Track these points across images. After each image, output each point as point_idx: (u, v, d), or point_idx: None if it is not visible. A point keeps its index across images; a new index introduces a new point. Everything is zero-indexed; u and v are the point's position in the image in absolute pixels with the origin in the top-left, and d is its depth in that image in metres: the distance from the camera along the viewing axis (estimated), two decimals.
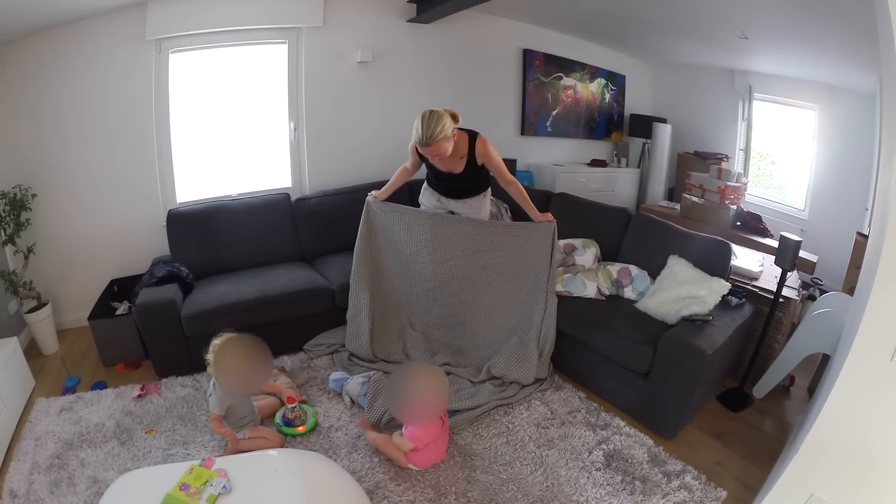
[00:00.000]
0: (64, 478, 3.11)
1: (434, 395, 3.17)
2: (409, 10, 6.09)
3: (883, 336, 2.06)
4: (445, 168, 4.14)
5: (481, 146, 4.01)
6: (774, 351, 4.29)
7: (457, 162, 4.08)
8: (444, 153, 3.81)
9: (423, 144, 3.73)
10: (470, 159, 4.07)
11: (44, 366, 4.44)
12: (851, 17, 4.48)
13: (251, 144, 5.74)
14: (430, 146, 3.71)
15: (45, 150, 4.65)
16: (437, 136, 3.67)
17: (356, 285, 4.50)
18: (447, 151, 3.81)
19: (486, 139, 4.05)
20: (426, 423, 3.25)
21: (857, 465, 2.24)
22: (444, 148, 3.76)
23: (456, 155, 4.01)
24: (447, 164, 4.10)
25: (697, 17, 6.00)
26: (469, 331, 4.50)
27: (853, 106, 6.52)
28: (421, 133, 3.68)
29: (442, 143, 3.72)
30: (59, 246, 4.91)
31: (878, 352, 2.08)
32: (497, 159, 4.11)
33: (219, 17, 5.01)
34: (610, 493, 3.14)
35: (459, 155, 4.04)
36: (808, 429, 2.43)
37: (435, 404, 3.20)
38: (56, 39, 4.45)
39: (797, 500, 2.42)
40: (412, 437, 3.25)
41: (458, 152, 4.00)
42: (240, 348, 3.16)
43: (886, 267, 2.05)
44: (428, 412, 3.21)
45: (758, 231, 6.66)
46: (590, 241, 4.93)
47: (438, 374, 3.29)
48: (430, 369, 3.37)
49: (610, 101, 9.02)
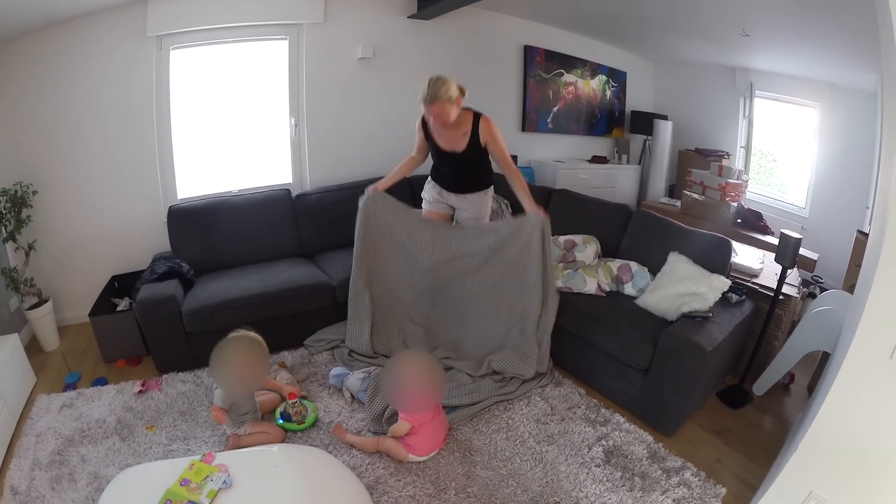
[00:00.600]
0: (65, 474, 3.12)
1: (428, 382, 3.19)
2: (410, 7, 6.10)
3: (883, 334, 2.07)
4: (448, 145, 4.16)
5: (485, 125, 4.06)
6: (774, 348, 4.29)
7: (459, 139, 4.12)
8: (447, 117, 3.86)
9: (426, 102, 3.79)
10: (473, 138, 4.10)
11: (45, 362, 4.44)
12: (853, 14, 4.47)
13: (252, 140, 5.75)
14: (434, 104, 3.77)
15: (45, 147, 4.66)
16: (441, 95, 3.74)
17: (356, 287, 4.50)
18: (449, 116, 3.86)
19: (492, 120, 4.10)
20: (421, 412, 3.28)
21: (857, 462, 2.24)
22: (446, 111, 3.81)
23: (459, 130, 4.08)
24: (450, 140, 4.14)
25: (698, 14, 6.00)
26: (468, 325, 4.50)
27: (855, 104, 6.52)
28: (426, 91, 3.76)
29: (445, 105, 3.78)
30: (60, 243, 4.92)
31: (878, 350, 2.09)
32: (501, 142, 4.15)
33: (220, 14, 5.01)
34: (609, 490, 3.15)
35: (462, 131, 4.09)
36: (807, 426, 2.43)
37: (429, 392, 3.22)
38: (57, 36, 4.45)
39: (796, 498, 2.43)
40: (406, 417, 3.30)
41: (461, 127, 4.07)
42: (236, 350, 3.17)
43: (887, 265, 2.05)
44: (423, 400, 3.23)
45: (758, 228, 6.65)
46: (590, 237, 4.93)
47: (432, 362, 3.31)
48: (424, 357, 3.40)
49: (611, 98, 9.02)
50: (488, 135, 4.08)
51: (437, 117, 3.87)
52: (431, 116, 3.90)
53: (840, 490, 2.30)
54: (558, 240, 4.96)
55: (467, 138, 4.10)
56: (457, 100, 3.86)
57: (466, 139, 4.10)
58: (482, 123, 4.07)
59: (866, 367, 2.15)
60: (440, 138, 4.17)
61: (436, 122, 3.95)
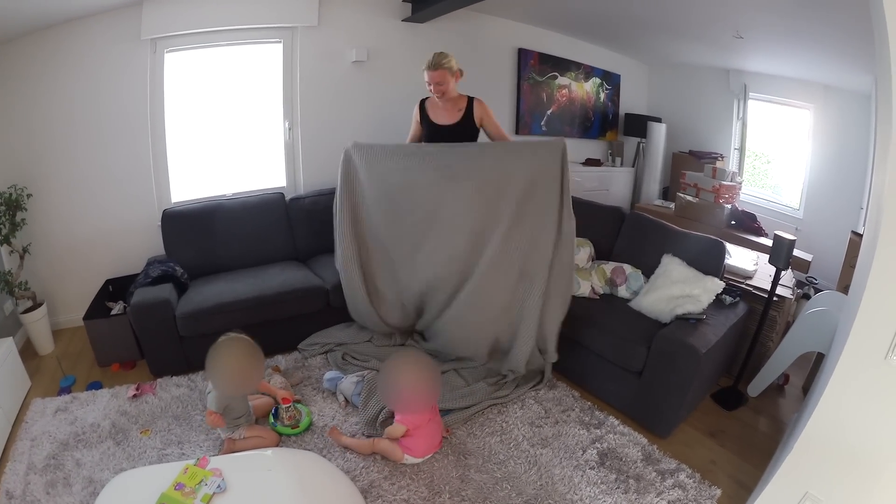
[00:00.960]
0: (60, 478, 3.11)
1: (424, 383, 3.19)
2: (404, 10, 6.10)
3: (877, 335, 2.07)
4: (442, 120, 4.47)
5: (479, 105, 4.44)
6: (769, 349, 4.30)
7: (455, 113, 4.44)
8: (446, 85, 4.25)
9: (430, 68, 4.20)
10: (467, 114, 4.43)
11: (39, 366, 4.43)
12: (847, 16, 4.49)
13: (246, 144, 5.74)
14: (437, 70, 4.18)
15: (40, 150, 4.65)
16: (444, 63, 4.18)
17: (347, 266, 4.40)
18: (448, 84, 4.26)
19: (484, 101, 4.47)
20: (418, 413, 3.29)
21: (852, 463, 2.25)
22: (447, 78, 4.23)
23: (455, 107, 4.44)
24: (445, 116, 4.46)
25: (692, 16, 6.01)
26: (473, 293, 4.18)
27: (849, 106, 6.54)
28: (430, 59, 4.20)
29: (446, 73, 4.21)
30: (55, 246, 4.91)
31: (872, 350, 2.09)
32: (495, 119, 4.51)
33: (214, 17, 5.01)
34: (604, 492, 3.15)
35: (458, 107, 4.44)
36: (802, 427, 2.44)
37: (426, 392, 3.22)
38: (51, 39, 4.45)
39: (791, 499, 2.43)
40: (402, 420, 3.30)
41: (456, 104, 4.44)
42: (232, 352, 3.15)
43: (881, 266, 2.05)
44: (419, 400, 3.23)
45: (752, 230, 6.67)
46: (584, 240, 4.93)
47: (428, 363, 3.30)
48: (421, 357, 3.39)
49: (605, 101, 9.04)
50: (482, 112, 4.43)
51: (438, 84, 4.23)
52: (433, 84, 4.24)
53: (835, 491, 2.30)
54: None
55: (461, 113, 4.43)
56: (456, 73, 4.30)
57: (461, 114, 4.43)
58: (476, 103, 4.43)
59: (861, 368, 2.15)
60: (436, 114, 4.51)
61: (436, 90, 4.27)
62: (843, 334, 2.37)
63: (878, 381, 2.10)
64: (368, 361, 4.35)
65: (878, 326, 2.07)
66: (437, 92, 4.27)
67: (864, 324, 2.12)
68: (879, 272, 2.06)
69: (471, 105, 4.40)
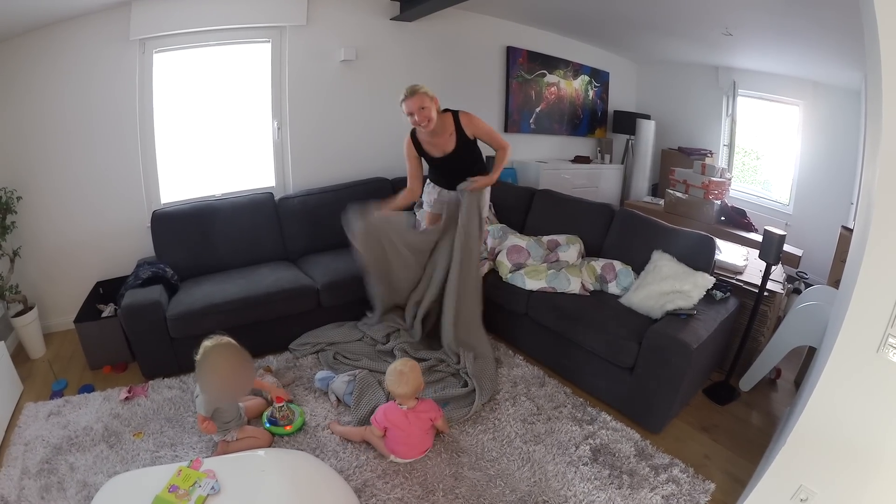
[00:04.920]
0: (54, 482, 3.10)
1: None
2: (392, 9, 6.10)
3: (868, 328, 2.09)
4: (439, 151, 4.34)
5: (465, 118, 4.31)
6: (760, 344, 4.32)
7: (448, 140, 4.32)
8: (429, 111, 4.06)
9: (407, 97, 4.04)
10: (459, 135, 4.31)
11: (31, 370, 4.40)
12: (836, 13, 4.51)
13: (235, 144, 5.72)
14: (414, 96, 4.02)
15: (29, 152, 4.62)
16: (420, 89, 4.04)
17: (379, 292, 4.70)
18: (430, 111, 4.07)
19: (468, 111, 4.36)
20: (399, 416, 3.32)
21: (845, 455, 2.27)
22: (426, 103, 4.05)
23: (445, 133, 4.29)
24: (440, 145, 4.35)
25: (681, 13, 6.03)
26: None
27: (839, 102, 6.58)
28: (406, 90, 4.05)
29: (425, 99, 4.04)
30: (45, 249, 4.87)
31: (863, 344, 2.11)
32: (486, 125, 4.41)
33: (203, 17, 4.99)
34: (597, 488, 3.16)
35: (448, 132, 4.30)
36: (795, 421, 2.46)
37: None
38: (39, 41, 4.42)
39: (785, 492, 2.45)
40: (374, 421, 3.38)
41: (446, 130, 4.29)
42: (221, 359, 3.13)
43: (871, 260, 2.07)
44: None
45: (742, 226, 6.70)
46: (573, 237, 4.96)
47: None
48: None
49: (594, 98, 9.06)
50: (470, 124, 4.31)
51: (421, 110, 4.03)
52: (415, 113, 4.04)
53: (829, 483, 2.32)
54: (542, 240, 4.98)
55: (454, 137, 4.30)
56: (434, 100, 4.12)
57: (454, 138, 4.30)
58: (462, 119, 4.29)
59: (853, 361, 2.17)
60: (431, 148, 4.35)
61: (420, 118, 4.06)
62: (835, 328, 2.38)
63: (869, 374, 2.12)
64: (359, 360, 4.35)
65: (869, 320, 2.09)
66: (423, 120, 4.07)
67: (856, 318, 2.14)
68: (870, 266, 2.07)
69: (458, 123, 4.30)
